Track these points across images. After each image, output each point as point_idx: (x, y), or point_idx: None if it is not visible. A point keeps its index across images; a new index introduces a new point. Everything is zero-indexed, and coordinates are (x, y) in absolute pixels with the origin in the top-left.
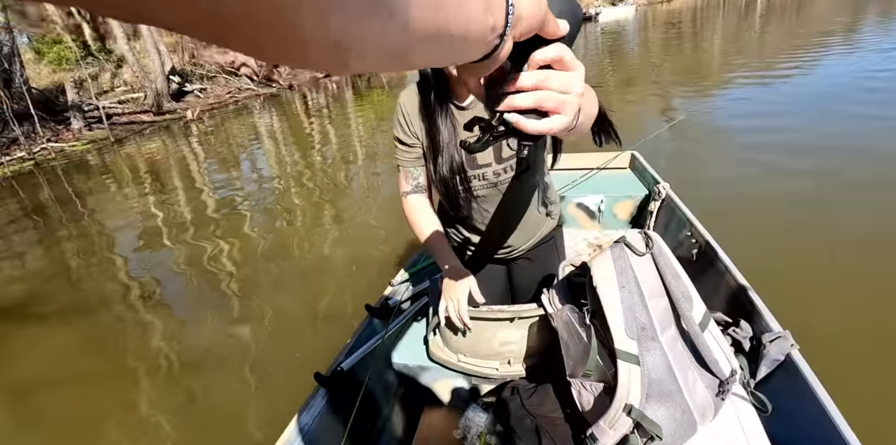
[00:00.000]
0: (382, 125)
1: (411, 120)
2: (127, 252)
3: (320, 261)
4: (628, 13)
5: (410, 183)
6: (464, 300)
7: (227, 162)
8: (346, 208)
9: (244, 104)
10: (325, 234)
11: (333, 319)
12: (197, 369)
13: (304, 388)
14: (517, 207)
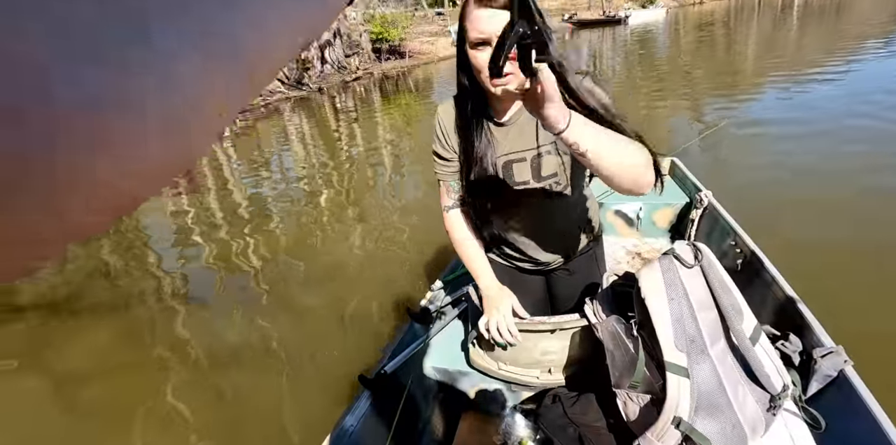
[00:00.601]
0: (409, 128)
1: (448, 134)
2: (160, 249)
3: (355, 264)
4: (658, 16)
5: (452, 197)
6: (509, 315)
7: (258, 163)
8: (377, 212)
9: (275, 106)
10: (360, 238)
11: (368, 321)
12: (231, 368)
13: (338, 388)
14: (557, 222)
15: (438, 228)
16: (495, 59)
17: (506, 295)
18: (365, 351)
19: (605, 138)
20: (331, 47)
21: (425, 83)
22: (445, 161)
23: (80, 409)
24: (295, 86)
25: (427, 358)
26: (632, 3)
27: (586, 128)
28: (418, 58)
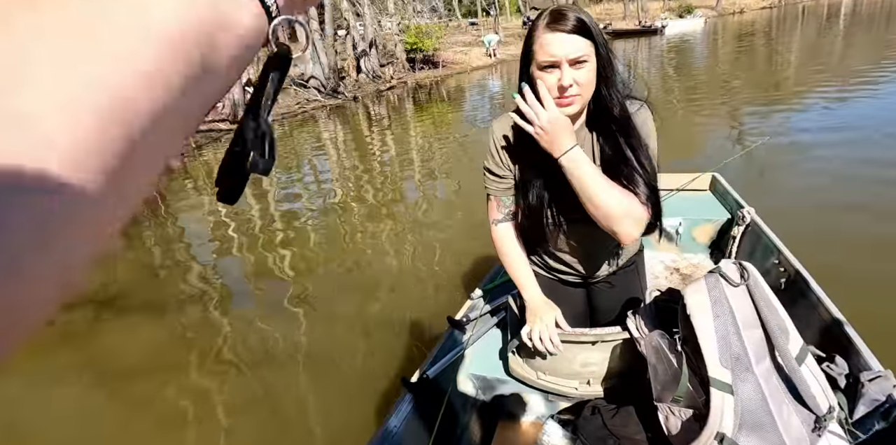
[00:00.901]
0: (440, 136)
1: (504, 152)
2: (198, 251)
3: (391, 272)
4: (696, 25)
5: (502, 211)
6: (552, 325)
7: (294, 169)
8: (410, 219)
9: (311, 114)
10: (394, 245)
11: (405, 327)
12: (271, 368)
13: (377, 391)
14: (606, 237)
15: (474, 237)
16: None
17: (550, 307)
18: (404, 356)
19: (589, 182)
20: (366, 57)
21: (457, 92)
22: (498, 177)
23: (128, 403)
24: (331, 94)
25: (466, 366)
26: (669, 12)
27: (575, 167)
28: (451, 67)
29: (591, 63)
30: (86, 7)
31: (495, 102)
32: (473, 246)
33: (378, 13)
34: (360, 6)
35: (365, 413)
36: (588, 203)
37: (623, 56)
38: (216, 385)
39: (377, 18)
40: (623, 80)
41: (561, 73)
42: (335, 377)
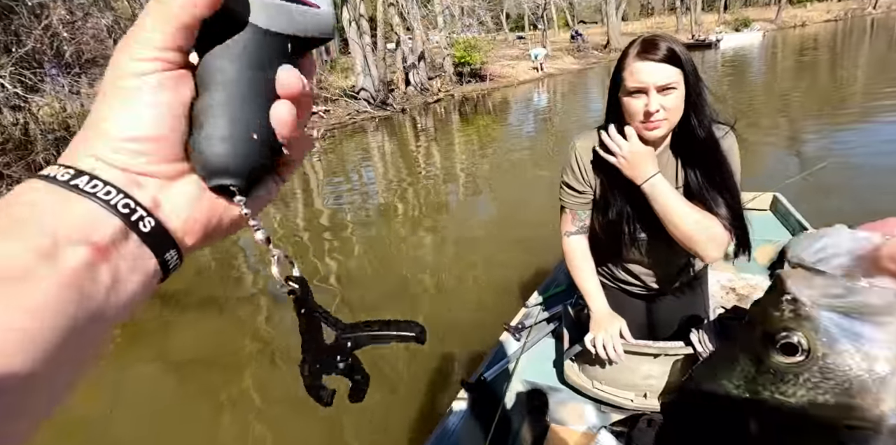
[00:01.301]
0: (485, 148)
1: (586, 169)
2: (251, 254)
3: (443, 278)
4: (754, 39)
5: (576, 224)
6: (616, 335)
7: (344, 177)
8: (457, 228)
9: (360, 125)
10: (440, 251)
11: (459, 332)
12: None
13: (433, 392)
14: (678, 253)
15: (522, 249)
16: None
17: (616, 318)
18: (455, 358)
19: (671, 207)
20: (415, 70)
21: (503, 105)
22: (577, 192)
23: (193, 392)
24: (380, 106)
25: (520, 371)
26: (724, 26)
27: (657, 193)
28: (498, 81)
29: (679, 90)
30: None
31: (541, 116)
32: (520, 257)
33: (427, 27)
34: (410, 21)
35: (418, 411)
36: (670, 226)
37: None
38: (272, 382)
39: (426, 32)
40: (711, 106)
41: (648, 99)
42: (389, 373)
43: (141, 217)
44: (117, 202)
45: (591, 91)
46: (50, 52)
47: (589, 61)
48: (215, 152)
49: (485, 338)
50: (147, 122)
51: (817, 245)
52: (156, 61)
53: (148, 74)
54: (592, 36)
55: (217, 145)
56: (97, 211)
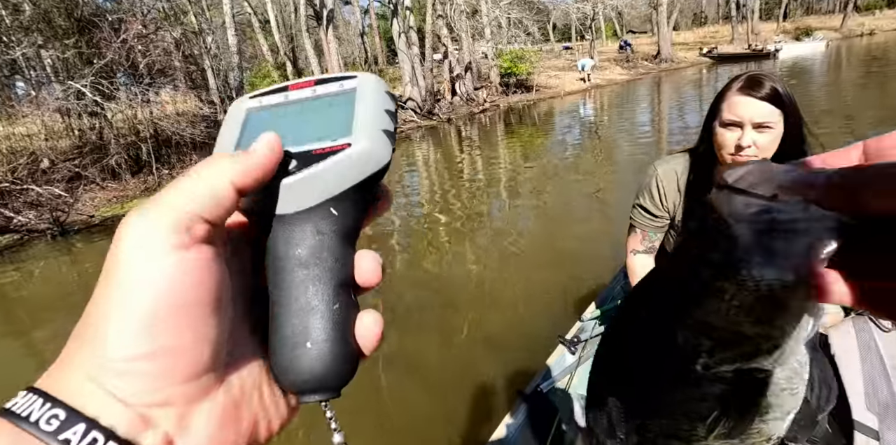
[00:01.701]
0: (529, 159)
1: (666, 194)
2: None
3: (495, 290)
4: (816, 49)
5: (645, 244)
6: None
7: (388, 184)
8: (502, 239)
9: (407, 134)
10: (487, 262)
11: (513, 343)
12: (386, 376)
13: (487, 401)
14: None
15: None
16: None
17: None
18: (511, 370)
19: None
20: (461, 80)
21: (547, 117)
22: (651, 215)
23: None
24: (426, 116)
25: (576, 385)
26: (784, 35)
27: None
28: (544, 91)
29: (775, 130)
30: None
31: (586, 128)
32: (567, 269)
33: (475, 38)
34: (458, 32)
35: (469, 420)
36: None
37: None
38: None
39: (473, 43)
40: (810, 147)
41: (742, 133)
42: (440, 380)
43: None
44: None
45: (639, 103)
46: (126, 64)
47: (638, 72)
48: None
49: (536, 349)
50: (163, 328)
51: (739, 174)
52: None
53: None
54: (641, 46)
55: (316, 357)
56: None
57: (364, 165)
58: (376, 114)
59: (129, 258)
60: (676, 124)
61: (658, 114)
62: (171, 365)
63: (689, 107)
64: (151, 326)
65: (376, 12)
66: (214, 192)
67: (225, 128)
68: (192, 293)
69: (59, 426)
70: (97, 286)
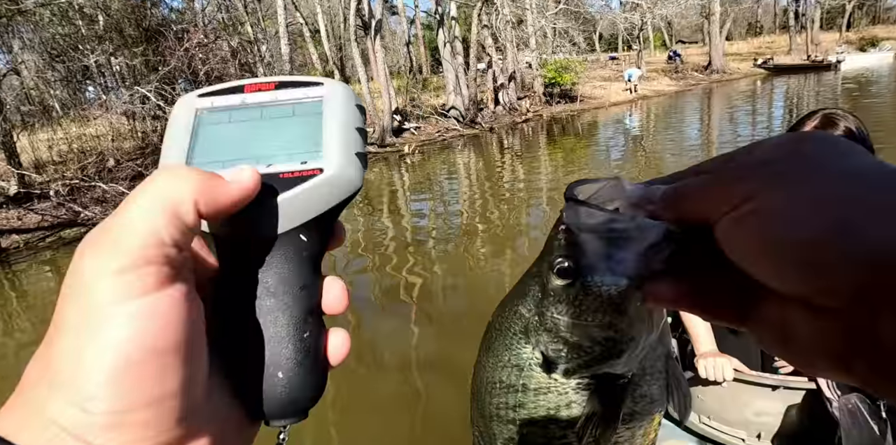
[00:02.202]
0: (571, 170)
1: None
2: (337, 259)
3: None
4: (882, 60)
5: None
6: (727, 362)
7: (429, 192)
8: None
9: (449, 142)
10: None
11: None
12: (431, 373)
13: None
14: None
15: None
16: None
17: (727, 356)
18: None
19: None
20: (504, 90)
21: (592, 127)
22: None
23: None
24: (469, 124)
25: None
26: (847, 45)
27: None
28: (589, 102)
29: None
30: None
31: (631, 140)
32: None
33: (519, 48)
34: (503, 42)
35: None
36: None
37: (785, 94)
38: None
39: (518, 53)
40: None
41: None
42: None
43: None
44: None
45: (688, 115)
46: (187, 71)
47: (687, 83)
48: (286, 395)
49: None
50: (146, 376)
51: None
52: (148, 267)
53: (139, 293)
54: (692, 56)
55: (287, 386)
56: None
57: (336, 192)
58: (347, 134)
59: (97, 304)
60: (727, 137)
61: (707, 127)
62: (155, 417)
63: (741, 120)
64: (133, 376)
65: (422, 22)
66: (178, 215)
67: (172, 131)
68: (170, 336)
69: None
70: (58, 329)
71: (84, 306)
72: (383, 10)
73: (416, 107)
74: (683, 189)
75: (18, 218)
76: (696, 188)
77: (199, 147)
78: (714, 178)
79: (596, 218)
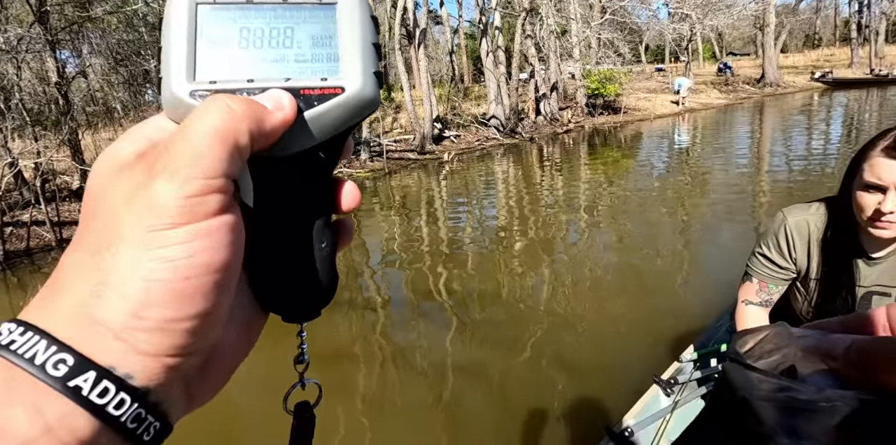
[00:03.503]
0: (612, 183)
1: (795, 247)
2: (374, 263)
3: (569, 314)
4: None
5: (760, 296)
6: None
7: (466, 199)
8: (580, 264)
9: (488, 151)
10: (561, 289)
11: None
12: (466, 397)
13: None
14: None
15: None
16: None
17: None
18: (597, 402)
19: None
20: (546, 100)
21: (635, 140)
22: (776, 266)
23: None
24: (508, 134)
25: (670, 430)
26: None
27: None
28: (633, 114)
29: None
30: None
31: (676, 154)
32: (650, 304)
33: (563, 58)
34: (546, 52)
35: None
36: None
37: (844, 110)
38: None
39: (560, 64)
40: None
41: (884, 198)
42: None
43: (147, 426)
44: (127, 417)
45: (737, 129)
46: None
47: (738, 96)
48: (305, 296)
49: (617, 381)
50: (198, 295)
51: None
52: (213, 197)
53: (201, 218)
54: (743, 68)
55: (308, 290)
56: (86, 429)
57: (356, 112)
58: (366, 51)
59: (161, 223)
60: (779, 155)
61: (758, 143)
62: (206, 323)
63: (796, 137)
64: (188, 291)
65: (465, 32)
66: (238, 148)
67: (170, 30)
68: (223, 257)
69: (69, 372)
70: (115, 240)
71: (148, 223)
72: (427, 20)
73: (456, 116)
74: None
75: (80, 211)
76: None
77: (200, 50)
78: None
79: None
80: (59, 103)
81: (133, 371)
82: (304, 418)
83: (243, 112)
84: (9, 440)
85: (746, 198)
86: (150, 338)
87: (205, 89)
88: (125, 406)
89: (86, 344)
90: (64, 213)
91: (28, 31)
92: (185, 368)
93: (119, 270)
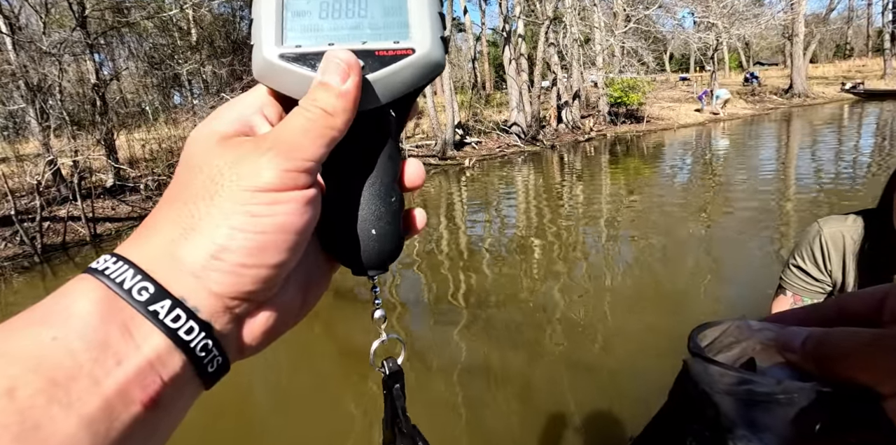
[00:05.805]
0: (633, 192)
1: (831, 259)
2: (392, 265)
3: (589, 324)
4: None
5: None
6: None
7: (485, 205)
8: (600, 273)
9: (509, 158)
10: (575, 297)
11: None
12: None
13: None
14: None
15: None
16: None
17: None
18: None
19: None
20: (568, 108)
21: (657, 149)
22: (811, 279)
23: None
24: (530, 141)
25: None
26: None
27: None
28: (655, 123)
29: None
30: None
31: (699, 165)
32: (673, 315)
33: (585, 67)
34: (569, 60)
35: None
36: None
37: (876, 122)
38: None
39: (583, 72)
40: None
41: None
42: (552, 413)
43: (212, 358)
44: (196, 344)
45: (764, 140)
46: None
47: (765, 106)
48: (376, 250)
49: (638, 390)
50: (273, 250)
51: (716, 334)
52: (304, 174)
53: (292, 188)
54: (770, 78)
55: (379, 242)
56: (162, 347)
57: (424, 73)
58: (433, 18)
59: (258, 188)
60: (806, 167)
61: (785, 154)
62: (277, 272)
63: (824, 149)
64: (266, 245)
65: (488, 39)
66: (333, 141)
67: (261, 5)
68: (302, 221)
69: (150, 298)
70: (211, 196)
71: (246, 184)
72: (451, 28)
73: (478, 122)
74: (837, 342)
75: (112, 208)
76: (858, 346)
77: (290, 26)
78: (885, 344)
79: (730, 377)
80: (96, 104)
81: (200, 306)
82: (392, 372)
83: (330, 99)
84: (107, 350)
85: (773, 210)
86: (221, 278)
87: (291, 52)
88: (194, 333)
89: (165, 277)
90: (98, 210)
91: (70, 35)
92: (240, 314)
93: (211, 217)
